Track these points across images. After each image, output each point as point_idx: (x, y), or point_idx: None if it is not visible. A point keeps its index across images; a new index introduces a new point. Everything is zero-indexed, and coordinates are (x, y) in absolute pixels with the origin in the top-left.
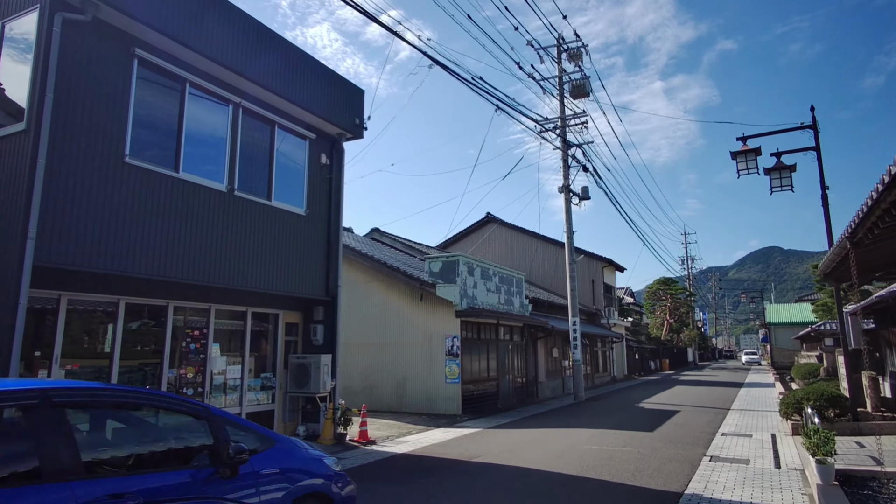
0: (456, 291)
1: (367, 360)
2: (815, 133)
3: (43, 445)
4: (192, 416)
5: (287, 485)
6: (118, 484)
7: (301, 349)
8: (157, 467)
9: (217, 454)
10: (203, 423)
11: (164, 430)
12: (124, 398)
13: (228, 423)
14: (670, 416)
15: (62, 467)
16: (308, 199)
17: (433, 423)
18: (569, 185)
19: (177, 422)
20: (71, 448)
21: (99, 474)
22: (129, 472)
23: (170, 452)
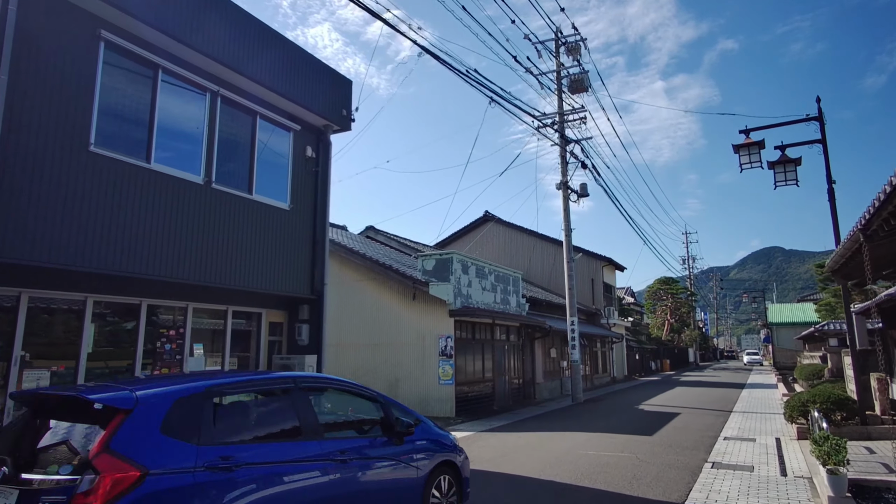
0: (449, 290)
1: (358, 360)
2: (821, 125)
3: (300, 415)
4: (371, 400)
5: (431, 453)
6: (339, 444)
7: (286, 350)
8: (356, 434)
9: (388, 427)
10: (377, 405)
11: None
12: (336, 384)
13: (393, 406)
14: (670, 418)
15: (312, 430)
16: (292, 194)
17: None
18: (567, 181)
19: (362, 403)
20: (313, 417)
21: (328, 437)
22: (341, 436)
23: (360, 424)
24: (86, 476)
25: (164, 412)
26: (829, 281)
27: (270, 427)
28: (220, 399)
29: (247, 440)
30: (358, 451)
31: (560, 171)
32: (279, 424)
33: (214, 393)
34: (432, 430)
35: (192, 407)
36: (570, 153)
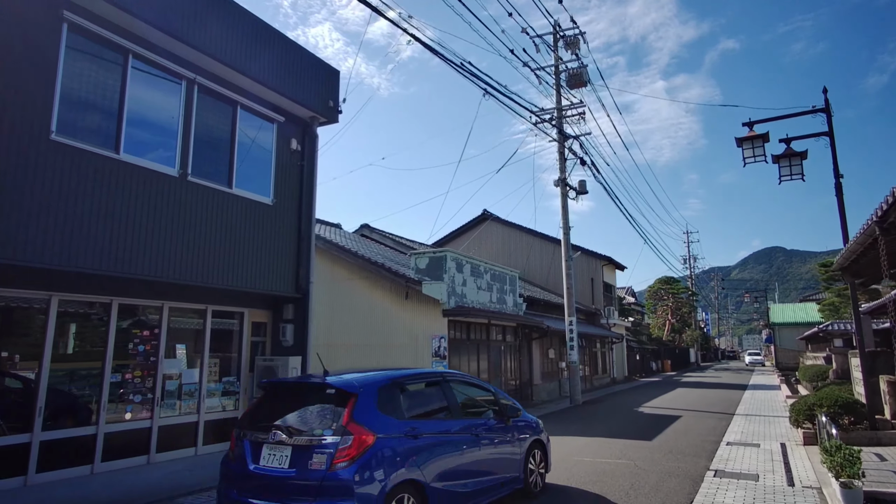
0: (443, 289)
1: (349, 361)
2: (828, 117)
3: (448, 400)
4: (487, 391)
5: (528, 433)
6: (471, 422)
7: (270, 350)
8: (479, 416)
9: (499, 412)
10: (492, 395)
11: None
12: (466, 379)
13: (503, 397)
14: (671, 422)
15: (455, 411)
16: (276, 188)
17: None
18: (565, 178)
19: (482, 393)
20: (455, 402)
21: (464, 417)
22: (471, 416)
23: (481, 408)
24: (345, 437)
25: (375, 395)
26: (832, 280)
27: (431, 408)
28: (402, 387)
29: (420, 416)
30: (483, 427)
31: (558, 167)
32: (436, 406)
33: (398, 383)
34: (528, 416)
35: (389, 392)
36: (569, 149)
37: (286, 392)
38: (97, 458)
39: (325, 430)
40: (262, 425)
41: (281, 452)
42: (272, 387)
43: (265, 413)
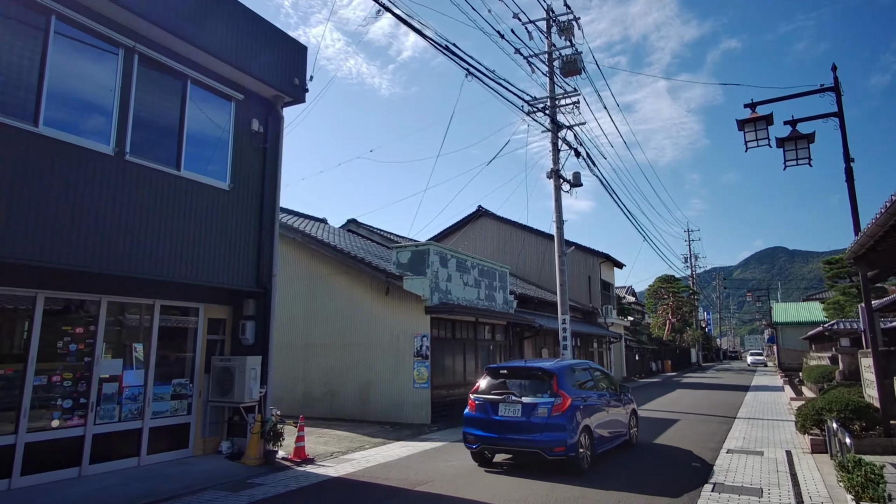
0: (426, 284)
1: (328, 361)
2: (837, 96)
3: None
4: (607, 374)
5: (630, 403)
6: (603, 393)
7: (230, 349)
8: (604, 390)
9: (615, 389)
10: (609, 377)
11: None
12: (597, 368)
13: (615, 378)
14: (668, 426)
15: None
16: (233, 172)
17: (395, 435)
18: (558, 169)
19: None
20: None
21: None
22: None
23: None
24: (556, 398)
25: (564, 375)
26: (837, 278)
27: (586, 384)
28: (573, 370)
29: (581, 388)
30: (610, 397)
31: (551, 158)
32: (588, 383)
33: (572, 367)
34: (628, 394)
35: (569, 373)
36: (563, 140)
37: (505, 373)
38: (16, 471)
39: (543, 394)
40: (494, 392)
41: (514, 407)
42: (492, 370)
43: (492, 386)
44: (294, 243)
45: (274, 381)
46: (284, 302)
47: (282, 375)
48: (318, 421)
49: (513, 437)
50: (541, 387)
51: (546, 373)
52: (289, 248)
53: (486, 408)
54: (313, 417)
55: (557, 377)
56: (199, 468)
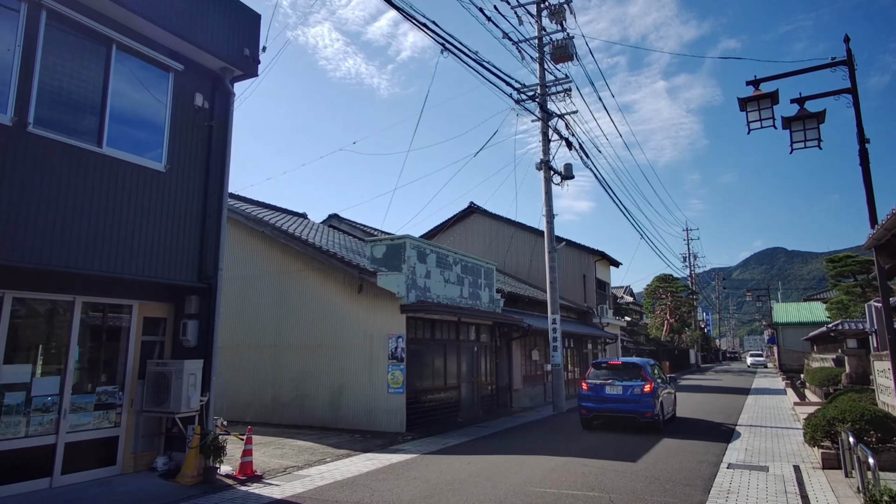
0: (401, 281)
1: (299, 364)
2: (850, 70)
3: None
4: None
5: (673, 391)
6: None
7: (170, 352)
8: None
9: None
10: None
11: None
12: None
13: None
14: (661, 437)
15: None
16: (172, 152)
17: (363, 446)
18: (548, 160)
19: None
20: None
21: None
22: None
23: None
24: (645, 383)
25: (647, 367)
26: (841, 277)
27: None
28: (651, 366)
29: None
30: (665, 384)
31: (541, 149)
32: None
33: (649, 363)
34: (673, 384)
35: (648, 366)
36: (553, 129)
37: (606, 366)
38: None
39: (637, 379)
40: (601, 378)
41: (617, 388)
42: (597, 364)
43: (597, 374)
44: (264, 238)
45: (242, 384)
46: (253, 300)
47: (250, 379)
48: (287, 429)
49: (617, 406)
50: (633, 375)
51: (636, 366)
52: (258, 242)
53: (597, 388)
54: (282, 425)
55: (644, 368)
56: (122, 489)
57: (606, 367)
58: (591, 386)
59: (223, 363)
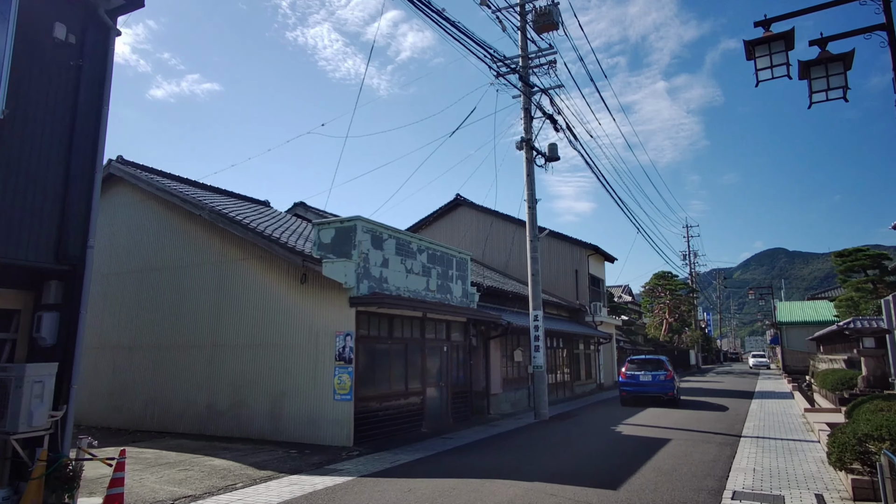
0: (350, 269)
1: (238, 366)
2: (884, 5)
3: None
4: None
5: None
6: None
7: (26, 354)
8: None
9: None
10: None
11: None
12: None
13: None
14: (655, 450)
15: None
16: (13, 94)
17: (293, 465)
18: (530, 139)
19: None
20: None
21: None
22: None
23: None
24: (667, 371)
25: (667, 361)
26: (850, 273)
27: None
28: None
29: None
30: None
31: (523, 126)
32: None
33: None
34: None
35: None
36: (536, 106)
37: (638, 360)
38: None
39: (661, 370)
40: (635, 368)
41: (647, 376)
42: (632, 360)
43: (632, 366)
44: (202, 223)
45: (175, 390)
46: (192, 293)
47: (185, 383)
48: (219, 442)
49: (648, 389)
50: (658, 366)
51: (660, 360)
52: (197, 228)
53: (633, 376)
54: (216, 437)
55: (665, 362)
56: None
57: (638, 360)
58: (628, 375)
59: (153, 365)
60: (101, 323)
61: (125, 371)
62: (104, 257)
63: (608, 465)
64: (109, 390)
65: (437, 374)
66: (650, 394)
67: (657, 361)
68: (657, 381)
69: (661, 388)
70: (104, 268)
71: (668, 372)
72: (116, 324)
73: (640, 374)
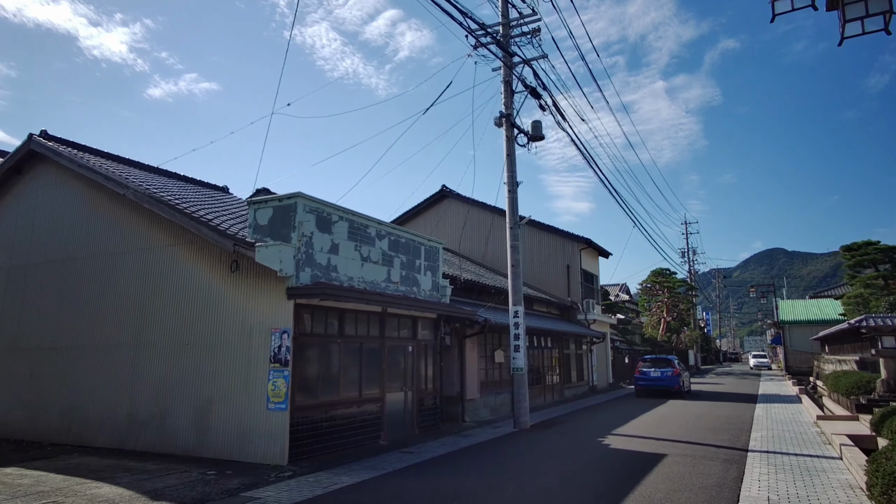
0: (287, 255)
1: (161, 369)
2: None
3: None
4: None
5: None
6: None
7: None
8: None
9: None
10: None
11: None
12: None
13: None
14: (647, 470)
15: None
16: None
17: (204, 492)
18: (510, 114)
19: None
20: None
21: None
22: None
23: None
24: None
25: (675, 359)
26: (859, 268)
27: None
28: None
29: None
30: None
31: (503, 101)
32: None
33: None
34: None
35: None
36: (518, 78)
37: (650, 360)
38: None
39: (669, 367)
40: (647, 366)
41: (656, 372)
42: (645, 359)
43: (645, 364)
44: (129, 205)
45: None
46: (117, 285)
47: (106, 389)
48: (132, 459)
49: (658, 384)
50: (666, 364)
51: (668, 359)
52: (125, 211)
53: (646, 372)
54: (135, 452)
55: (672, 361)
56: None
57: (650, 359)
58: (642, 371)
59: (72, 369)
60: (18, 321)
61: (43, 376)
62: (23, 246)
63: (587, 494)
64: (26, 398)
65: (400, 377)
66: (660, 387)
67: (666, 360)
68: (665, 376)
69: (669, 383)
70: (22, 258)
71: (674, 369)
72: (35, 322)
73: (651, 370)
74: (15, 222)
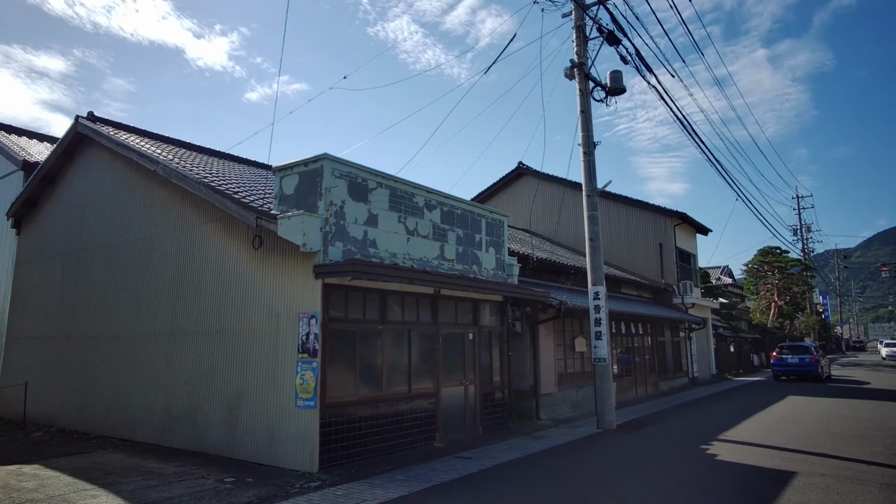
0: (312, 227)
1: (195, 359)
2: None
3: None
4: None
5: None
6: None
7: None
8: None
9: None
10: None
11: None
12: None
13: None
14: (770, 500)
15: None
16: None
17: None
18: (584, 63)
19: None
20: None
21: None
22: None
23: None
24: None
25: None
26: None
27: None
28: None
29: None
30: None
31: (575, 50)
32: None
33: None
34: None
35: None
36: (593, 20)
37: (787, 347)
38: None
39: (808, 354)
40: (785, 352)
41: (794, 358)
42: (781, 346)
43: (782, 351)
44: (162, 183)
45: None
46: (154, 269)
47: (147, 382)
48: (162, 458)
49: (796, 369)
50: (805, 351)
51: (807, 346)
52: (162, 191)
53: (783, 358)
54: (170, 450)
55: (810, 348)
56: None
57: (788, 346)
58: (779, 358)
59: (114, 360)
60: (73, 308)
61: (91, 366)
62: (77, 231)
63: None
64: (77, 389)
65: (458, 369)
66: (798, 372)
67: (804, 347)
68: (803, 363)
69: (808, 369)
70: (75, 244)
71: (812, 355)
72: (85, 310)
73: (789, 357)
74: (69, 208)
